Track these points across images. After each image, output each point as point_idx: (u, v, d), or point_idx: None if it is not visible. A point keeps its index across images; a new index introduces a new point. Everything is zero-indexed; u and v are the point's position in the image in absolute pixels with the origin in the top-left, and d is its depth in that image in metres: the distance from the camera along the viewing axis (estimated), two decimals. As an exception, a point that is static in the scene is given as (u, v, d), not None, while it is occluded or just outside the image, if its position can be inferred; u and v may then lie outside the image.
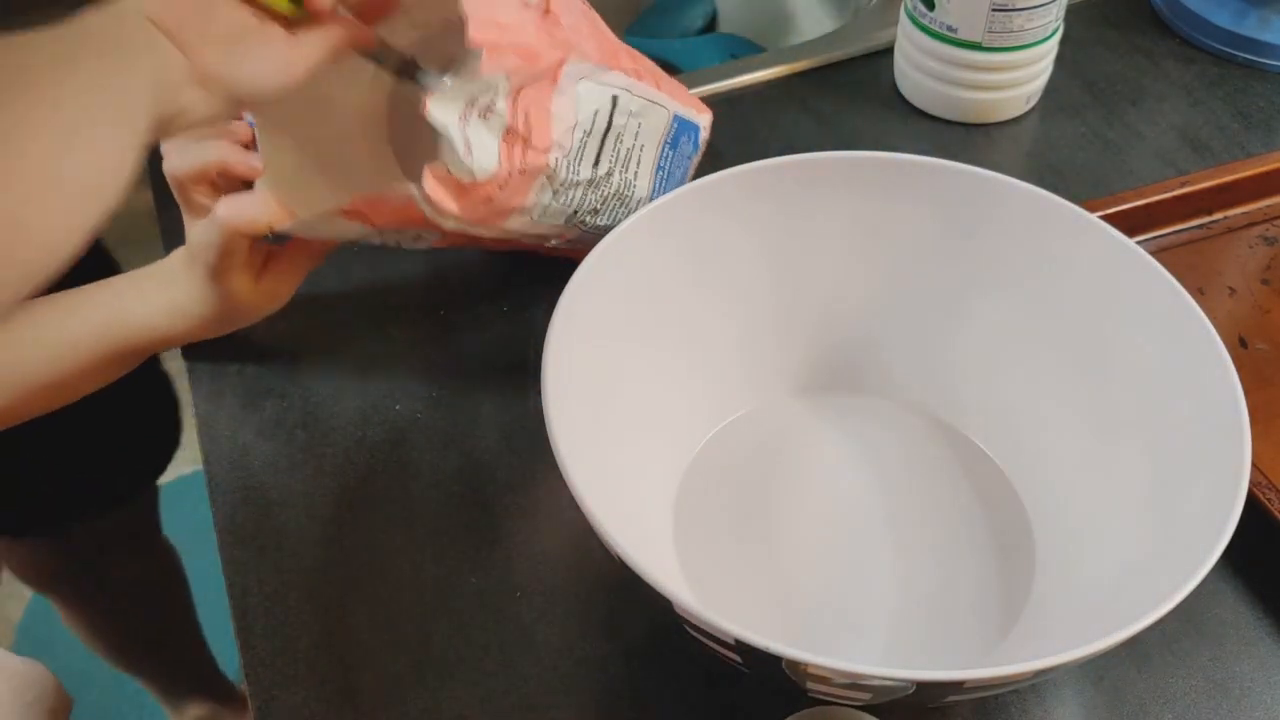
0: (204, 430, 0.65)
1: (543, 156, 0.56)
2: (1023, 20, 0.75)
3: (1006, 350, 0.60)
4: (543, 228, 0.61)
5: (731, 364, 0.62)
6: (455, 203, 0.55)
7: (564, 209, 0.60)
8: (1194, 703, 0.52)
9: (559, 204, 0.59)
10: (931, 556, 0.57)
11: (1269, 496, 0.56)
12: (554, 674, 0.54)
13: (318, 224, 0.59)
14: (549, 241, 0.63)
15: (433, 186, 0.54)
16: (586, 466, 0.47)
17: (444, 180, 0.54)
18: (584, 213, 0.61)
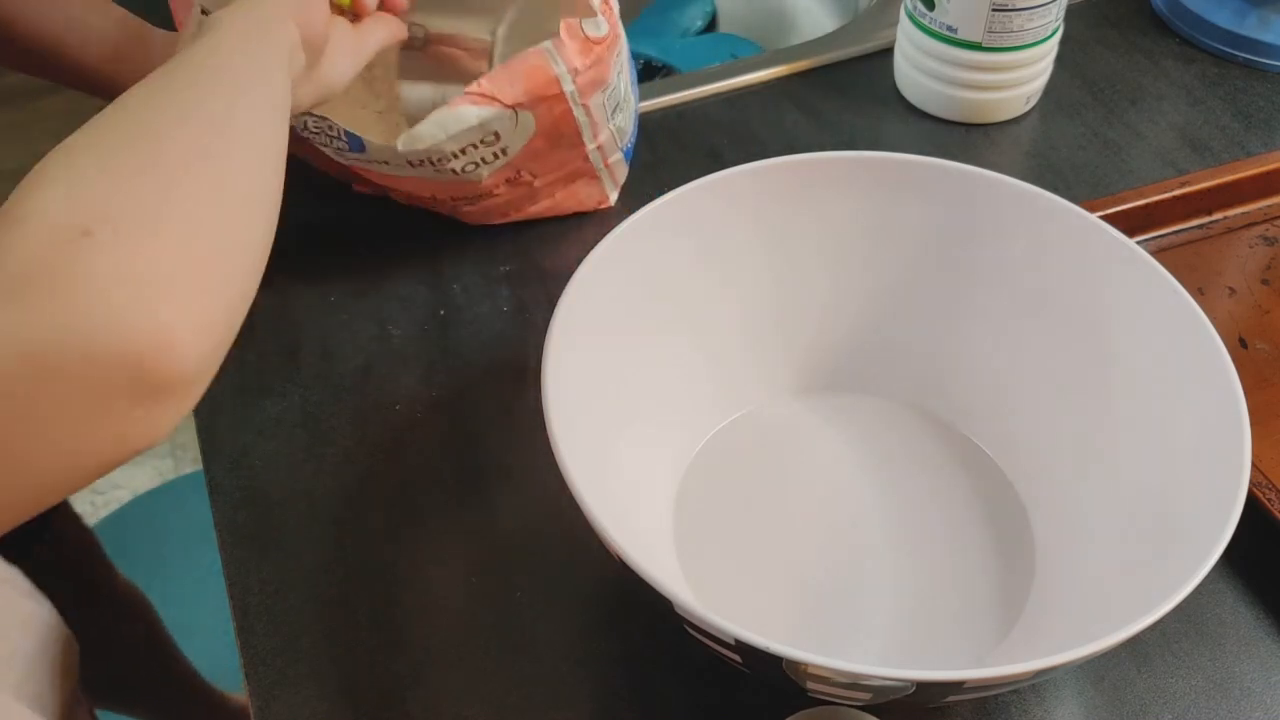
0: (204, 430, 0.65)
1: (614, 17, 0.64)
2: (1023, 20, 0.75)
3: (1006, 350, 0.60)
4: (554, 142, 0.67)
5: (731, 364, 0.62)
6: (580, 57, 0.62)
7: (613, 99, 0.67)
8: (1194, 703, 0.52)
9: (613, 91, 0.67)
10: (931, 556, 0.57)
11: (1269, 496, 0.56)
12: (554, 674, 0.54)
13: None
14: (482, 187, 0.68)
15: (567, 39, 0.62)
16: (586, 466, 0.47)
17: (574, 34, 0.62)
18: (610, 108, 0.68)
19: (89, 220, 0.35)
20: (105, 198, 0.36)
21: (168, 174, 0.39)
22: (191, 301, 0.37)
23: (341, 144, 0.64)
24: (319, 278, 0.73)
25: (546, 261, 0.73)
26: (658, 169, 0.78)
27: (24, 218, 0.35)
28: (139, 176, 0.37)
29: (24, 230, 0.34)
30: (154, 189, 0.38)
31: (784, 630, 0.55)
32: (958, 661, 0.53)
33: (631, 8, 1.07)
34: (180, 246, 0.38)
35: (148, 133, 0.40)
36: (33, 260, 0.34)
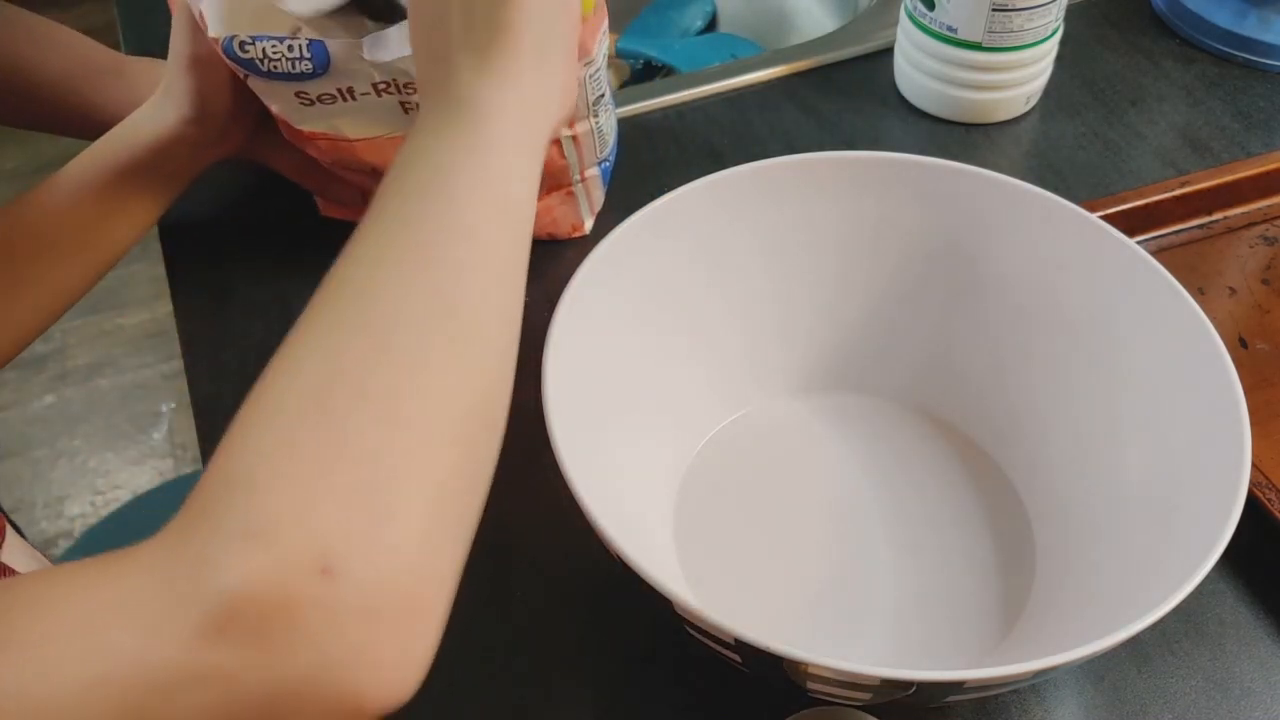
0: (204, 430, 0.65)
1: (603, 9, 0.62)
2: (1023, 20, 0.75)
3: (1007, 350, 0.60)
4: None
5: (731, 364, 0.62)
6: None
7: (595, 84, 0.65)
8: (1194, 703, 0.52)
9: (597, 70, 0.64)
10: (931, 556, 0.57)
11: (1269, 496, 0.56)
12: (554, 674, 0.54)
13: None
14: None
15: None
16: (586, 466, 0.47)
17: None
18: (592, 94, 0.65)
19: (331, 550, 0.31)
20: (347, 511, 0.32)
21: (417, 455, 0.34)
22: (425, 616, 0.34)
23: (305, 61, 0.60)
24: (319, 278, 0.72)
25: (546, 263, 0.73)
26: (658, 169, 0.78)
27: (253, 534, 0.31)
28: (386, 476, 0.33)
29: (253, 557, 0.31)
30: (404, 480, 0.33)
31: (784, 630, 0.55)
32: (958, 661, 0.53)
33: (631, 8, 1.07)
34: (428, 554, 0.34)
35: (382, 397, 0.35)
36: (260, 599, 0.30)
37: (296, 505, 0.32)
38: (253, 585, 0.30)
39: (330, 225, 0.75)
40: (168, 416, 1.73)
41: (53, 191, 0.63)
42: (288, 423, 0.34)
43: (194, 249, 0.75)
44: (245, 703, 0.31)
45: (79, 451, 1.69)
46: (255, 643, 0.30)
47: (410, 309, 0.37)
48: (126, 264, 0.70)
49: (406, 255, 0.38)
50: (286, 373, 0.35)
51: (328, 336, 0.36)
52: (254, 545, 0.31)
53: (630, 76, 1.06)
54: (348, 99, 0.62)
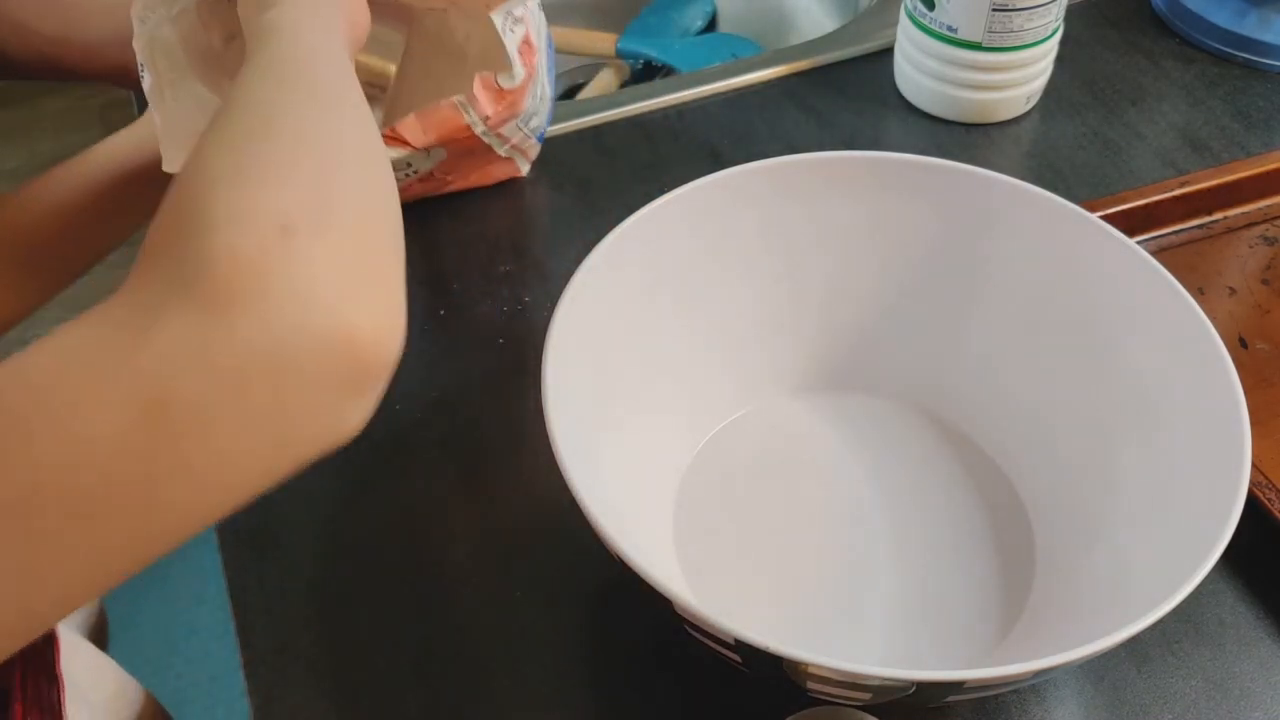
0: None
1: (534, 59, 0.63)
2: (1023, 20, 0.75)
3: (1006, 350, 0.60)
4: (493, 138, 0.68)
5: (731, 363, 0.62)
6: (493, 105, 0.61)
7: (530, 113, 0.67)
8: (1194, 703, 0.52)
9: (527, 110, 0.67)
10: (931, 556, 0.57)
11: (1269, 496, 0.56)
12: (554, 674, 0.54)
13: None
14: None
15: (480, 91, 0.62)
16: (587, 466, 0.47)
17: (488, 86, 0.61)
18: (529, 115, 0.68)
19: (283, 218, 0.35)
20: (285, 193, 0.36)
21: (323, 160, 0.39)
22: (390, 283, 0.38)
23: None
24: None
25: (547, 261, 0.73)
26: (658, 169, 0.78)
27: (211, 223, 0.34)
28: (301, 167, 0.38)
29: (219, 236, 0.34)
30: (321, 178, 0.38)
31: (784, 630, 0.55)
32: (958, 661, 0.53)
33: (631, 8, 1.07)
34: (366, 229, 0.38)
35: (284, 121, 0.39)
36: (239, 264, 0.33)
37: (249, 193, 0.35)
38: (226, 257, 0.33)
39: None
40: (168, 416, 1.73)
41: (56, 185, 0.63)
42: (217, 157, 0.37)
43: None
44: (244, 364, 0.33)
45: (79, 451, 1.69)
46: (242, 305, 0.33)
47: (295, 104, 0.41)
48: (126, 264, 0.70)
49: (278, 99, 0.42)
50: (208, 139, 0.39)
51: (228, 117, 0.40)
52: (217, 230, 0.34)
53: (630, 76, 1.06)
54: None
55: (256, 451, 0.34)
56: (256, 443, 0.34)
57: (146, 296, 0.34)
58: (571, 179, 0.78)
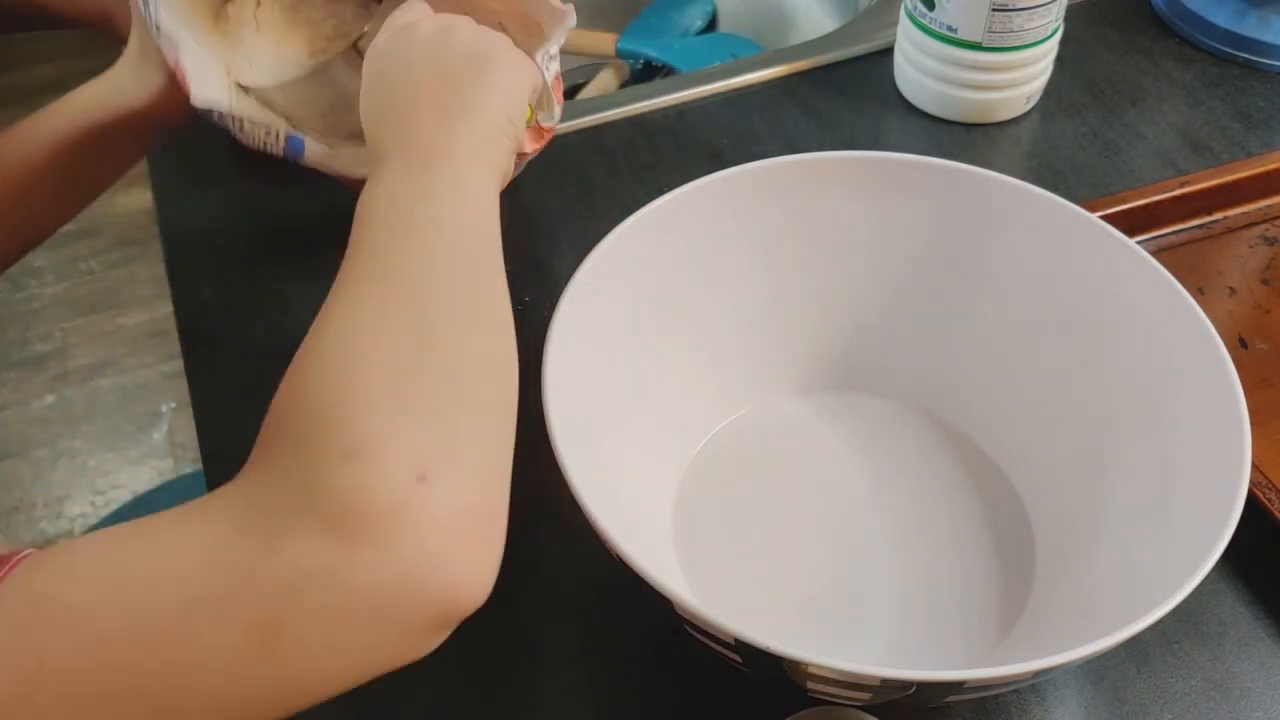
0: (204, 430, 0.65)
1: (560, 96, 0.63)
2: (1023, 20, 0.75)
3: (1006, 350, 0.60)
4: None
5: (732, 363, 0.62)
6: (533, 144, 0.61)
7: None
8: (1194, 703, 0.52)
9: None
10: (931, 556, 0.57)
11: (1269, 496, 0.56)
12: (554, 674, 0.54)
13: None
14: None
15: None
16: (586, 467, 0.47)
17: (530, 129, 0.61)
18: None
19: (420, 464, 0.36)
20: (427, 432, 0.37)
21: (469, 394, 0.40)
22: (499, 529, 0.39)
23: (278, 146, 0.64)
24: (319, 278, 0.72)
25: (547, 261, 0.73)
26: (658, 169, 0.78)
27: (349, 449, 0.35)
28: (447, 404, 0.39)
29: (355, 468, 0.35)
30: (463, 417, 0.39)
31: (784, 630, 0.55)
32: (958, 661, 0.53)
33: (631, 8, 1.07)
34: (492, 475, 0.40)
35: (440, 342, 0.41)
36: (371, 505, 0.35)
37: (388, 429, 0.36)
38: (361, 493, 0.35)
39: (331, 226, 0.75)
40: (168, 416, 1.73)
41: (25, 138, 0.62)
42: (362, 367, 0.39)
43: (194, 249, 0.75)
44: (360, 600, 0.34)
45: (79, 451, 1.69)
46: (368, 542, 0.34)
47: (442, 287, 0.43)
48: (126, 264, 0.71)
49: (428, 252, 0.44)
50: (341, 333, 0.41)
51: (375, 308, 0.41)
52: (357, 462, 0.35)
53: (630, 76, 1.06)
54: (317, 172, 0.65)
55: (345, 671, 0.36)
56: (348, 665, 0.36)
57: (273, 501, 0.35)
58: (571, 179, 0.78)
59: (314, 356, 0.40)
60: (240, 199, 0.78)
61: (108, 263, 1.95)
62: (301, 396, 0.39)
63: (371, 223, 0.45)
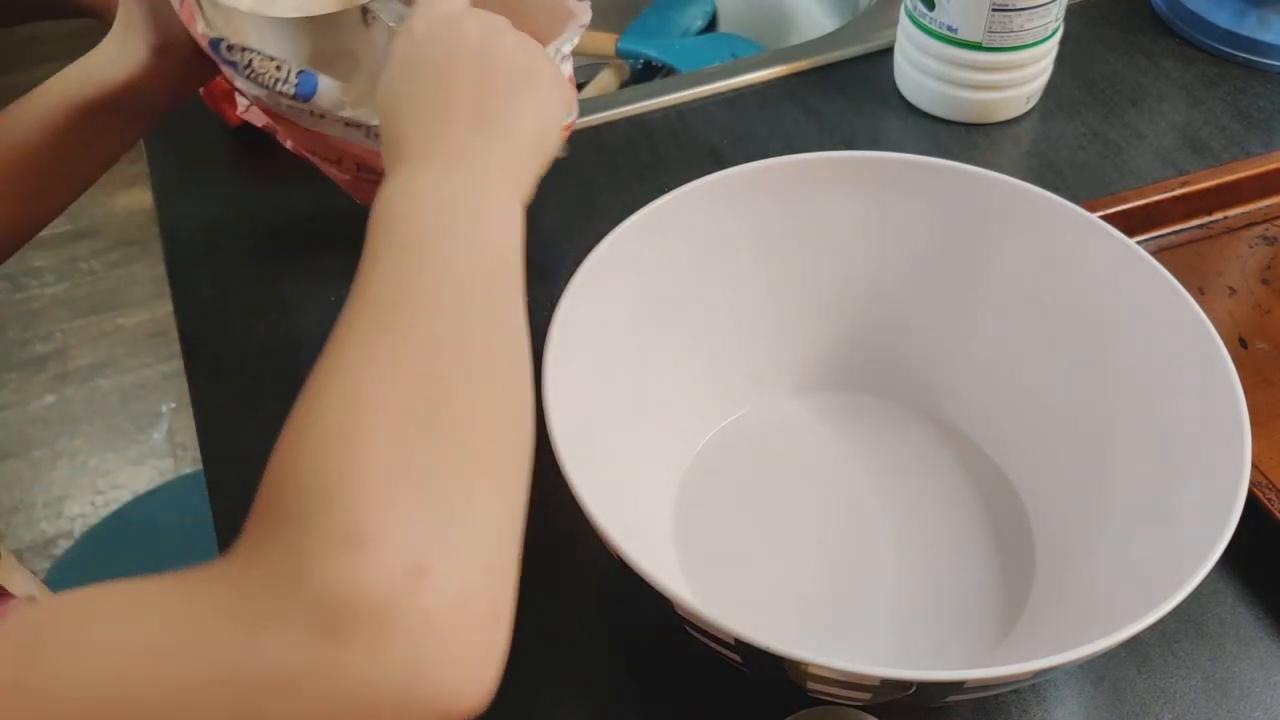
0: (204, 430, 0.65)
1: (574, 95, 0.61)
2: (1023, 20, 0.75)
3: (1006, 350, 0.60)
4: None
5: (732, 364, 0.62)
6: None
7: None
8: (1194, 703, 0.52)
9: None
10: (932, 557, 0.57)
11: (1269, 496, 0.56)
12: (554, 674, 0.54)
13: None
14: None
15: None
16: (586, 467, 0.47)
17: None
18: None
19: (418, 556, 0.33)
20: (427, 519, 0.34)
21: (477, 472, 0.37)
22: (502, 624, 0.37)
23: (289, 85, 0.61)
24: (319, 277, 0.73)
25: (546, 262, 0.73)
26: (658, 169, 0.78)
27: (343, 535, 0.33)
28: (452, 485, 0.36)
29: (348, 559, 0.32)
30: (469, 501, 0.36)
31: (784, 630, 0.55)
32: (958, 661, 0.53)
33: (631, 8, 1.07)
34: (495, 564, 0.36)
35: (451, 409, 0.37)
36: (363, 600, 0.32)
37: (386, 514, 0.33)
38: (353, 587, 0.32)
39: (332, 227, 0.75)
40: (168, 416, 1.73)
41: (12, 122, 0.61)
42: (361, 438, 0.35)
43: (194, 249, 0.75)
44: (347, 701, 0.32)
45: (79, 451, 1.69)
46: (357, 640, 0.32)
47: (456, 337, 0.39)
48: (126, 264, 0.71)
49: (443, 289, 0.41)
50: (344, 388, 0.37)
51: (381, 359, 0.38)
52: (350, 551, 0.32)
53: (630, 76, 1.06)
54: (318, 118, 0.63)
55: None
56: None
57: (260, 587, 0.33)
58: (571, 179, 0.78)
59: (314, 416, 0.37)
60: (240, 199, 0.78)
61: (108, 263, 1.94)
62: (298, 464, 0.36)
63: (389, 236, 0.42)
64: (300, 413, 0.37)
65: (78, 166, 0.64)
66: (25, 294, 1.91)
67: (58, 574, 1.51)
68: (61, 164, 0.63)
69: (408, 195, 0.44)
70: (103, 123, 0.62)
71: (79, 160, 0.63)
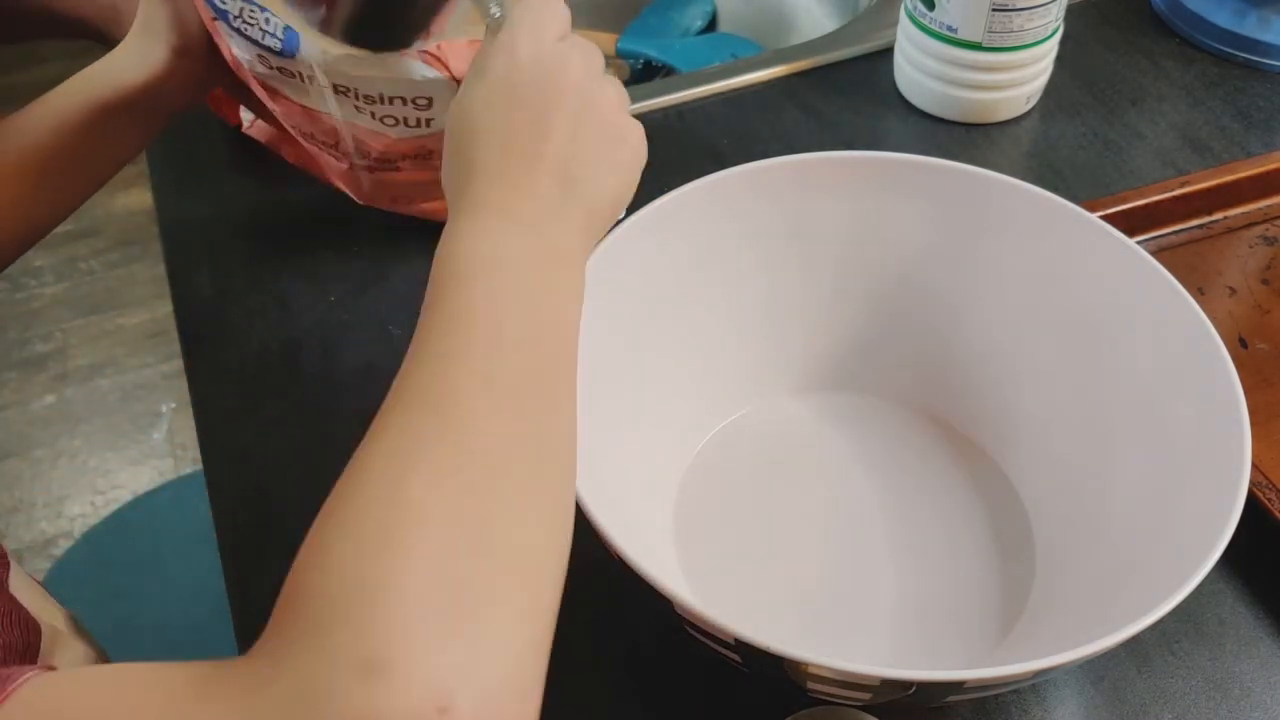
0: (204, 430, 0.65)
1: None
2: (1023, 20, 0.75)
3: (1006, 350, 0.60)
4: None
5: (731, 364, 0.62)
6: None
7: None
8: (1194, 703, 0.52)
9: None
10: (931, 556, 0.57)
11: (1269, 496, 0.56)
12: (553, 674, 0.54)
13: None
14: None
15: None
16: (586, 466, 0.47)
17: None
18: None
19: (449, 691, 0.31)
20: (461, 653, 0.32)
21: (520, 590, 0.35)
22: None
23: (274, 39, 0.60)
24: (319, 277, 0.73)
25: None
26: (658, 169, 0.78)
27: (376, 669, 0.31)
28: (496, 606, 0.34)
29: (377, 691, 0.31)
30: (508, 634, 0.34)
31: (784, 630, 0.55)
32: (958, 661, 0.53)
33: (631, 8, 1.07)
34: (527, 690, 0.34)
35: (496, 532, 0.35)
36: None
37: (413, 640, 0.32)
38: (374, 709, 0.30)
39: (332, 227, 0.75)
40: (168, 416, 1.73)
41: (33, 120, 0.62)
42: (393, 548, 0.34)
43: (194, 249, 0.75)
44: None
45: (79, 451, 1.69)
46: None
47: (508, 439, 0.37)
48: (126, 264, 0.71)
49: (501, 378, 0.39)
50: (383, 484, 0.35)
51: (426, 453, 0.36)
52: (373, 679, 0.31)
53: (630, 76, 1.06)
54: (305, 82, 0.63)
55: None
56: None
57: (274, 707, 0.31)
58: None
59: (351, 511, 0.35)
60: (240, 199, 0.78)
61: (108, 263, 1.95)
62: (328, 567, 0.34)
63: (453, 296, 0.40)
64: (336, 502, 0.36)
65: (93, 166, 0.64)
66: (25, 294, 1.91)
67: (58, 574, 1.51)
68: (77, 163, 0.63)
69: (476, 251, 0.41)
70: (119, 123, 0.63)
71: (94, 159, 0.64)
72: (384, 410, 0.37)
